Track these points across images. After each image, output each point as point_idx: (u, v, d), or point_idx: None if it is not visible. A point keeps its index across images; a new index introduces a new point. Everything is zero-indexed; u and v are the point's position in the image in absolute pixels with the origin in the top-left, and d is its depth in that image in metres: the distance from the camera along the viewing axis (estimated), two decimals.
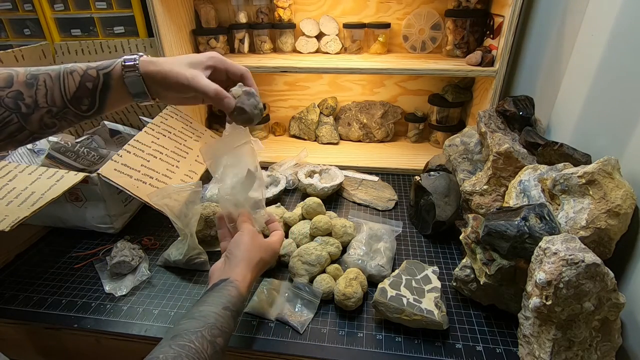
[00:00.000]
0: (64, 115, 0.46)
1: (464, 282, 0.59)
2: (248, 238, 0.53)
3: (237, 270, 0.49)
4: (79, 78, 0.46)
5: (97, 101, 0.47)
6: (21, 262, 0.71)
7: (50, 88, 0.44)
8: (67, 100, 0.45)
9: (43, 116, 0.44)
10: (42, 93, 0.44)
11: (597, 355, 0.46)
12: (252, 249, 0.52)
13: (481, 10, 0.96)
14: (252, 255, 0.52)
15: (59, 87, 0.45)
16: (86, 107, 0.47)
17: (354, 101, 1.22)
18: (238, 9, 1.08)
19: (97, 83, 0.46)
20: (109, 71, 0.47)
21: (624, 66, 0.55)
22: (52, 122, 0.45)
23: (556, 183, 0.54)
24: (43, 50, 1.01)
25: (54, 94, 0.44)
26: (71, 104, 0.45)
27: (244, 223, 0.56)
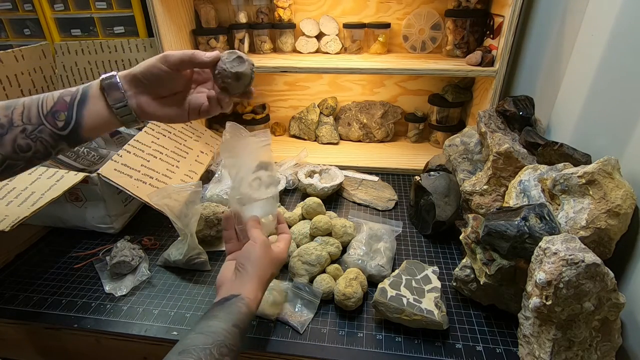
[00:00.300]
0: (38, 134, 0.43)
1: (464, 282, 0.59)
2: (261, 251, 0.51)
3: (249, 287, 0.47)
4: (59, 94, 0.45)
5: (74, 114, 0.44)
6: (21, 262, 0.71)
7: (27, 106, 0.43)
8: (43, 115, 0.43)
9: (17, 136, 0.42)
10: (19, 112, 0.43)
11: (597, 355, 0.46)
12: (264, 264, 0.50)
13: (481, 10, 0.96)
14: (264, 272, 0.50)
15: (37, 104, 0.44)
16: (62, 123, 0.44)
17: (354, 101, 1.22)
18: (238, 9, 1.08)
19: (75, 95, 0.45)
20: (88, 85, 0.46)
21: (624, 66, 0.55)
22: (26, 143, 0.43)
23: (556, 183, 0.54)
24: (43, 50, 1.01)
25: (31, 111, 0.43)
26: (47, 120, 0.43)
27: (254, 229, 0.53)
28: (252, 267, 0.49)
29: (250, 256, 0.50)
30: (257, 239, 0.52)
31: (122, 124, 0.48)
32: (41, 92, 1.00)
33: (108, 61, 1.02)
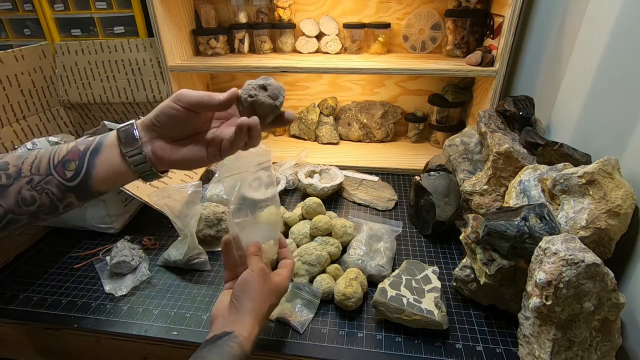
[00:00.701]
0: (44, 185, 0.40)
1: (464, 282, 0.59)
2: (259, 282, 0.47)
3: (244, 323, 0.44)
4: (74, 144, 0.42)
5: (85, 164, 0.40)
6: (21, 262, 0.71)
7: (40, 157, 0.40)
8: (53, 166, 0.40)
9: (22, 187, 0.39)
10: (29, 162, 0.40)
11: (597, 355, 0.46)
12: (262, 296, 0.46)
13: (481, 10, 0.96)
14: (261, 305, 0.46)
15: (49, 154, 0.41)
16: (71, 173, 0.40)
17: (354, 101, 1.22)
18: (238, 9, 1.08)
19: (90, 144, 0.42)
20: (107, 134, 0.43)
21: (624, 66, 0.55)
22: (30, 195, 0.39)
23: (556, 183, 0.54)
24: (43, 50, 1.01)
25: (42, 161, 0.40)
26: (56, 170, 0.40)
27: (253, 257, 0.49)
28: (248, 300, 0.45)
29: (247, 287, 0.46)
30: (255, 267, 0.48)
31: (136, 176, 0.43)
32: (41, 92, 1.01)
33: (108, 61, 1.02)
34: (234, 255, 0.52)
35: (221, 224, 0.74)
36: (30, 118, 0.98)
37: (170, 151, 0.43)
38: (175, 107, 0.41)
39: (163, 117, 0.42)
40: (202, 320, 0.58)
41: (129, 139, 0.41)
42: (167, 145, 0.43)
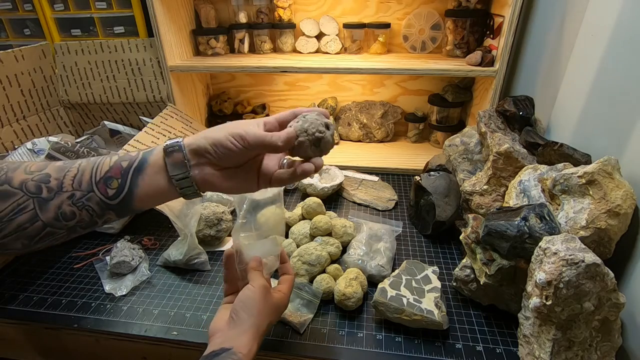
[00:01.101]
0: (86, 202, 0.39)
1: (464, 282, 0.59)
2: (259, 297, 0.46)
3: (243, 340, 0.42)
4: (117, 159, 0.40)
5: (127, 182, 0.40)
6: (21, 262, 0.71)
7: (82, 170, 0.39)
8: (95, 182, 0.39)
9: (63, 202, 0.38)
10: (71, 175, 0.39)
11: (597, 355, 0.46)
12: (262, 312, 0.45)
13: (481, 10, 0.96)
14: (261, 321, 0.45)
15: (91, 168, 0.40)
16: (113, 192, 0.39)
17: (354, 101, 1.22)
18: (238, 9, 1.08)
19: (133, 161, 0.40)
20: (152, 149, 0.41)
21: (624, 66, 0.55)
22: (71, 211, 0.39)
23: (556, 183, 0.54)
24: (43, 50, 1.01)
25: (84, 176, 0.39)
26: (98, 187, 0.39)
27: (254, 271, 0.49)
28: (248, 316, 0.44)
29: (247, 303, 0.45)
30: (255, 282, 0.47)
31: (179, 196, 0.42)
32: (41, 92, 1.01)
33: (108, 61, 1.02)
34: (236, 269, 0.51)
35: (221, 224, 0.74)
36: (30, 118, 0.98)
37: (220, 179, 0.42)
38: (237, 145, 0.40)
39: (220, 150, 0.40)
40: (202, 320, 0.58)
41: (178, 163, 0.40)
42: (217, 173, 0.42)
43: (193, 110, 1.13)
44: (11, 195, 0.37)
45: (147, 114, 1.05)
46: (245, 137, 0.40)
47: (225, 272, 0.52)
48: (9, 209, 0.37)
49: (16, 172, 0.38)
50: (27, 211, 0.37)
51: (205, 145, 0.40)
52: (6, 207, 0.37)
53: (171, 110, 0.96)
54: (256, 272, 0.49)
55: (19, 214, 0.37)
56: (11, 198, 0.37)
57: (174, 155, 0.40)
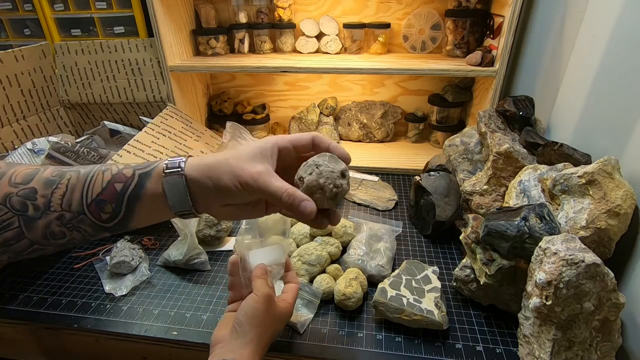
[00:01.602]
0: (77, 224, 0.37)
1: (464, 282, 0.59)
2: (263, 307, 0.44)
3: (245, 353, 0.41)
4: (110, 177, 0.37)
5: (123, 208, 0.37)
6: (21, 262, 0.71)
7: (71, 188, 0.36)
8: (86, 204, 0.36)
9: (51, 222, 0.36)
10: (60, 193, 0.36)
11: (597, 355, 0.46)
12: (265, 323, 0.44)
13: (481, 10, 0.96)
14: (264, 333, 0.43)
15: (82, 186, 0.37)
16: (108, 216, 0.37)
17: (354, 101, 1.22)
18: (238, 9, 1.08)
19: (128, 184, 0.37)
20: (148, 171, 0.38)
21: (624, 66, 0.55)
22: (60, 231, 0.36)
23: (556, 183, 0.54)
24: (43, 50, 1.01)
25: (74, 195, 0.36)
26: (89, 210, 0.36)
27: (258, 280, 0.46)
28: (250, 327, 0.43)
29: (250, 313, 0.43)
30: (259, 291, 0.45)
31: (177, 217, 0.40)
32: (41, 92, 1.01)
33: (108, 61, 1.02)
34: (240, 276, 0.50)
35: (221, 224, 0.74)
36: (30, 118, 0.98)
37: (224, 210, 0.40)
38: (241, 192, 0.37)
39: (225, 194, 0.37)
40: (202, 320, 0.58)
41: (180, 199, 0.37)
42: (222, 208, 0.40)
43: (193, 110, 1.13)
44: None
45: (147, 114, 1.05)
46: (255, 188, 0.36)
47: (230, 280, 0.50)
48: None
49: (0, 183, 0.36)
50: (12, 228, 0.35)
51: (209, 185, 0.37)
52: None
53: (171, 110, 0.96)
54: (260, 280, 0.46)
55: (3, 230, 0.35)
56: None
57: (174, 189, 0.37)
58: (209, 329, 0.57)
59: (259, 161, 0.37)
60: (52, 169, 0.38)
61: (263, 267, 0.49)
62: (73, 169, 0.38)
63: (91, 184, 0.37)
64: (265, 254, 0.51)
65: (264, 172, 0.37)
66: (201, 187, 0.37)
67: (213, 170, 0.37)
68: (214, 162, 0.38)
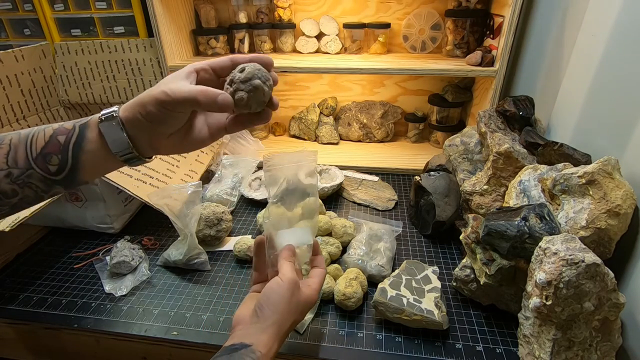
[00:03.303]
0: (26, 179, 0.38)
1: (464, 282, 0.59)
2: (287, 293, 0.42)
3: (264, 338, 0.40)
4: (51, 132, 0.38)
5: (69, 158, 0.38)
6: (21, 262, 0.71)
7: (15, 146, 0.37)
8: (32, 159, 0.37)
9: (0, 181, 0.37)
10: (4, 152, 0.37)
11: (597, 355, 0.46)
12: (287, 310, 0.42)
13: (481, 10, 0.96)
14: (285, 320, 0.42)
15: (25, 144, 0.37)
16: (55, 168, 0.38)
17: (354, 101, 1.22)
18: (238, 9, 1.08)
19: (70, 135, 0.38)
20: (86, 122, 0.39)
21: (624, 66, 0.55)
22: (11, 189, 0.37)
23: (556, 183, 0.54)
24: (43, 50, 1.01)
25: (18, 152, 0.37)
26: (36, 164, 0.37)
27: (285, 262, 0.45)
28: (271, 312, 0.41)
29: (272, 299, 0.42)
30: (285, 275, 0.43)
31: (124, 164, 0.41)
32: (41, 92, 1.01)
33: (108, 61, 1.02)
34: (266, 256, 0.48)
35: (221, 224, 0.74)
36: (30, 118, 0.98)
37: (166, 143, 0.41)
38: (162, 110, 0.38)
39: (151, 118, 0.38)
40: (202, 320, 0.58)
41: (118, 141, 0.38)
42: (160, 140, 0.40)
43: None
44: None
45: None
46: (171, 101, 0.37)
47: (255, 260, 0.49)
48: None
49: None
50: None
51: (141, 120, 0.38)
52: None
53: None
54: (287, 263, 0.45)
55: None
56: None
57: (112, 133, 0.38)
58: (209, 329, 0.57)
59: (172, 81, 0.39)
60: None
61: (291, 248, 0.47)
62: (13, 132, 0.39)
63: (34, 140, 0.38)
64: (293, 234, 0.49)
65: (175, 83, 0.38)
66: (136, 124, 0.38)
67: (140, 105, 0.38)
68: (140, 97, 0.38)
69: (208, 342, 0.55)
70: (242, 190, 0.89)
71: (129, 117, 0.38)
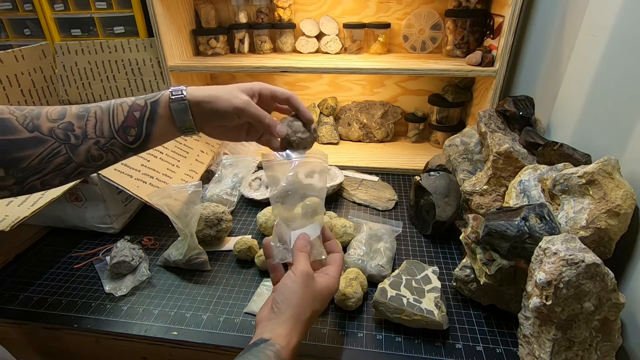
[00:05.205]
0: (110, 147, 0.45)
1: (464, 282, 0.59)
2: (300, 286, 0.43)
3: (281, 332, 0.40)
4: (127, 107, 0.46)
5: (143, 131, 0.46)
6: (21, 262, 0.71)
7: (100, 119, 0.45)
8: (115, 130, 0.45)
9: (90, 147, 0.44)
10: (92, 124, 0.44)
11: (597, 355, 0.46)
12: (303, 302, 0.43)
13: (481, 10, 0.96)
14: (302, 311, 0.42)
15: (108, 117, 0.45)
16: (133, 138, 0.46)
17: (354, 101, 1.22)
18: (238, 9, 1.08)
19: (144, 111, 0.46)
20: (157, 99, 0.47)
21: (624, 66, 0.55)
22: (99, 154, 0.45)
23: (556, 183, 0.54)
24: (43, 50, 1.01)
25: (103, 124, 0.45)
26: (118, 135, 0.45)
27: (299, 254, 0.46)
28: (287, 307, 0.42)
29: (285, 294, 0.43)
30: (297, 268, 0.44)
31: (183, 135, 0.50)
32: (41, 92, 1.01)
33: (108, 61, 1.02)
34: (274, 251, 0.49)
35: (221, 224, 0.74)
36: None
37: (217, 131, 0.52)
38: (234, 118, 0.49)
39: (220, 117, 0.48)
40: (202, 320, 0.58)
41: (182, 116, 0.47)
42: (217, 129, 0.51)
43: None
44: (44, 141, 0.42)
45: None
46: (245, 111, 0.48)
47: (268, 262, 0.49)
48: (45, 153, 0.42)
49: (41, 120, 0.43)
50: (62, 154, 0.43)
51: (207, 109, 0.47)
52: (44, 151, 0.42)
53: None
54: (301, 254, 0.46)
55: (55, 157, 0.43)
56: (45, 143, 0.42)
57: (180, 112, 0.47)
58: (209, 329, 0.57)
59: (247, 93, 0.49)
60: (76, 106, 0.46)
61: (306, 238, 0.48)
62: (93, 105, 0.46)
63: (114, 115, 0.45)
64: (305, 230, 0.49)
65: (250, 101, 0.48)
66: (200, 110, 0.47)
67: (211, 100, 0.47)
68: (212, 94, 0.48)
69: (208, 342, 0.55)
70: (242, 190, 0.89)
71: (196, 102, 0.47)
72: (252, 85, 0.50)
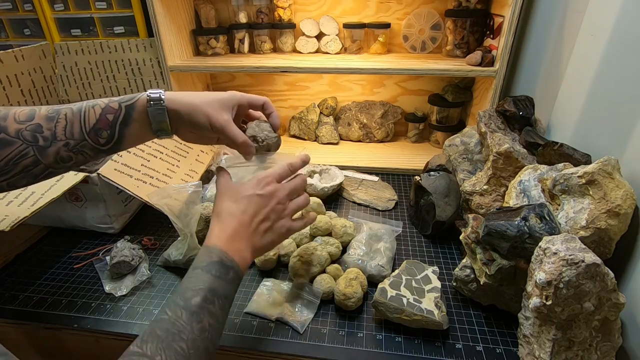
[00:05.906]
0: (81, 149, 0.45)
1: (464, 282, 0.59)
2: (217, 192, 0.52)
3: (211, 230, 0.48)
4: (100, 110, 0.45)
5: (116, 133, 0.46)
6: (21, 262, 0.71)
7: (70, 121, 0.44)
8: (86, 132, 0.45)
9: (60, 149, 0.44)
10: (62, 126, 0.44)
11: (597, 355, 0.46)
12: (217, 198, 0.51)
13: (481, 10, 0.96)
14: (216, 207, 0.50)
15: (79, 119, 0.45)
16: (104, 140, 0.46)
17: (354, 101, 1.22)
18: (238, 9, 1.08)
19: (118, 115, 0.46)
20: (132, 103, 0.47)
21: (624, 66, 0.55)
22: (68, 155, 0.45)
23: (556, 183, 0.54)
24: (43, 50, 1.01)
25: (74, 126, 0.44)
26: (89, 137, 0.45)
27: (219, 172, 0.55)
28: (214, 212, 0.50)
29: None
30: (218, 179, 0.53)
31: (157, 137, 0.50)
32: (41, 92, 1.01)
33: (108, 61, 1.02)
34: None
35: None
36: None
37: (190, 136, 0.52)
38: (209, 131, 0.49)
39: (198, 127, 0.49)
40: None
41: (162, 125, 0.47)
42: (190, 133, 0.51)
43: None
44: (11, 143, 0.42)
45: None
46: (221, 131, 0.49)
47: None
48: (12, 154, 0.42)
49: (8, 122, 0.42)
50: (29, 156, 0.43)
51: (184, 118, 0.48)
52: (10, 153, 0.42)
53: None
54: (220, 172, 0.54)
55: (22, 159, 0.43)
56: (12, 145, 0.42)
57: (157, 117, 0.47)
58: None
59: (225, 111, 0.50)
60: (45, 107, 0.45)
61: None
62: (64, 106, 0.46)
63: (86, 117, 0.45)
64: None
65: (229, 121, 0.50)
66: (177, 117, 0.48)
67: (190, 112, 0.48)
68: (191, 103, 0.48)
69: None
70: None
71: (174, 109, 0.47)
72: (230, 98, 0.51)
